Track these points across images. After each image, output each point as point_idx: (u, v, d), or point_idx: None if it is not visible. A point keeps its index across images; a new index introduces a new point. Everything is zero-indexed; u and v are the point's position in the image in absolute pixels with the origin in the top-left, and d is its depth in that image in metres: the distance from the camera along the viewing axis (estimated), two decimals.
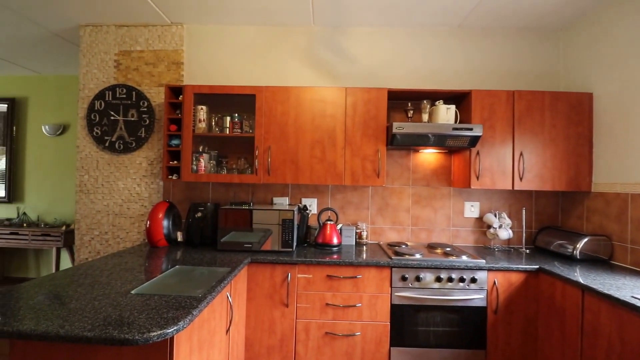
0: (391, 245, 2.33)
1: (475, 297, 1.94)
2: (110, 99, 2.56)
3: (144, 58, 2.58)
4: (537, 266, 1.92)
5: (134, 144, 2.56)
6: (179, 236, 2.28)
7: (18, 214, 3.90)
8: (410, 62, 2.53)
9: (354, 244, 2.41)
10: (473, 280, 1.94)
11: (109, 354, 1.07)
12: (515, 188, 2.19)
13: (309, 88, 2.22)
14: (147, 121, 2.55)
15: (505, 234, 2.33)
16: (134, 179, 2.60)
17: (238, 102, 2.48)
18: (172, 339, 1.07)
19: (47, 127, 3.87)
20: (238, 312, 1.83)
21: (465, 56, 2.53)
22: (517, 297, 1.94)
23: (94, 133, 2.58)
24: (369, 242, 2.52)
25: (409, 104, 2.32)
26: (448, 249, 2.24)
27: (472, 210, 2.51)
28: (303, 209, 2.41)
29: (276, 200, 2.55)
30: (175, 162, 2.35)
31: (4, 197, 3.93)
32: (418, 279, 1.94)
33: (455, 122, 2.33)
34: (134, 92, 2.55)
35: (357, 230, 2.45)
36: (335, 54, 2.53)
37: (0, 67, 3.71)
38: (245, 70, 2.58)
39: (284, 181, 2.23)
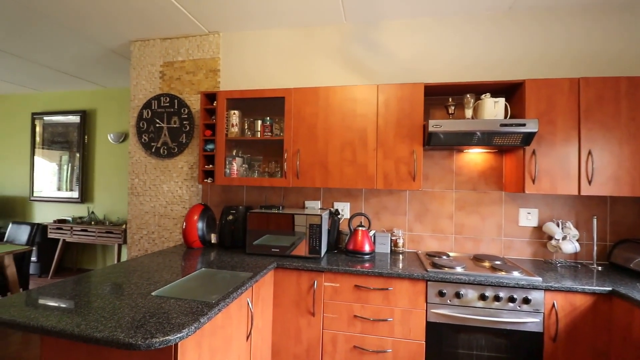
0: (430, 255, 2.12)
1: (529, 321, 1.67)
2: (155, 107, 2.74)
3: (185, 67, 2.71)
4: (610, 288, 1.58)
5: (176, 149, 2.70)
6: (213, 238, 2.34)
7: (88, 213, 4.40)
8: (449, 54, 2.30)
9: (389, 252, 2.25)
10: (526, 300, 1.66)
11: (121, 355, 1.09)
12: (583, 193, 1.85)
13: (339, 87, 2.13)
14: (188, 127, 2.67)
15: (570, 247, 1.98)
16: (176, 182, 2.74)
17: (269, 106, 2.48)
18: (176, 345, 1.06)
19: (111, 135, 4.30)
20: (262, 318, 1.79)
21: (515, 42, 2.22)
22: (582, 325, 1.62)
23: (143, 140, 2.77)
24: (406, 250, 2.33)
25: (450, 99, 2.10)
26: (497, 262, 1.97)
27: (528, 218, 2.19)
28: (334, 214, 2.31)
29: (308, 204, 2.49)
30: (210, 165, 2.41)
31: (78, 198, 4.46)
32: (458, 295, 1.72)
33: (506, 117, 2.06)
34: (176, 100, 2.69)
35: (393, 238, 2.28)
36: (368, 51, 2.40)
37: (73, 83, 4.22)
38: (277, 74, 2.57)
39: (313, 185, 2.16)
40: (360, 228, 2.16)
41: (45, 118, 4.62)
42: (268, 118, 2.33)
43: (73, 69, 3.64)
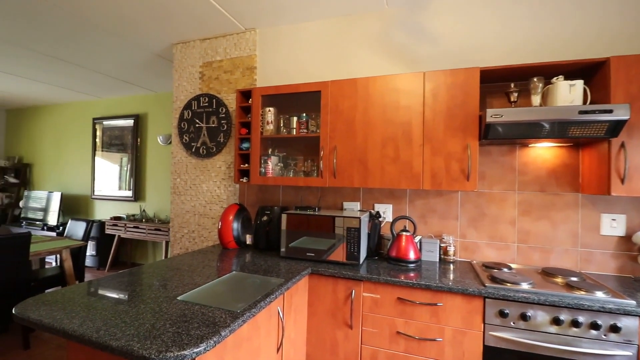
0: (488, 266, 1.83)
1: (618, 354, 1.33)
2: (195, 108, 2.76)
3: (223, 67, 2.70)
4: None
5: (214, 149, 2.70)
6: (248, 239, 2.27)
7: (140, 211, 4.66)
8: (508, 35, 1.98)
9: (438, 260, 2.00)
10: (614, 328, 1.33)
11: None
12: None
13: (379, 77, 1.93)
14: (225, 126, 2.65)
15: None
16: (215, 182, 2.73)
17: (305, 101, 2.35)
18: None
19: (160, 137, 4.51)
20: (295, 328, 1.66)
21: (591, 15, 1.84)
22: None
23: (184, 140, 2.82)
24: (458, 259, 2.05)
25: (512, 85, 1.79)
26: (574, 278, 1.63)
27: (613, 225, 1.80)
28: (375, 216, 2.12)
29: (346, 205, 2.32)
30: (246, 165, 2.35)
31: (131, 197, 4.75)
32: (524, 317, 1.44)
33: (585, 103, 1.71)
34: (214, 100, 2.69)
35: (442, 245, 2.03)
36: (413, 36, 2.17)
37: (128, 89, 4.50)
38: (314, 68, 2.44)
39: (351, 184, 1.99)
40: (404, 233, 1.94)
41: (104, 122, 4.99)
42: (304, 114, 2.20)
43: (126, 76, 3.86)
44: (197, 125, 2.76)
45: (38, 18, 2.51)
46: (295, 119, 2.22)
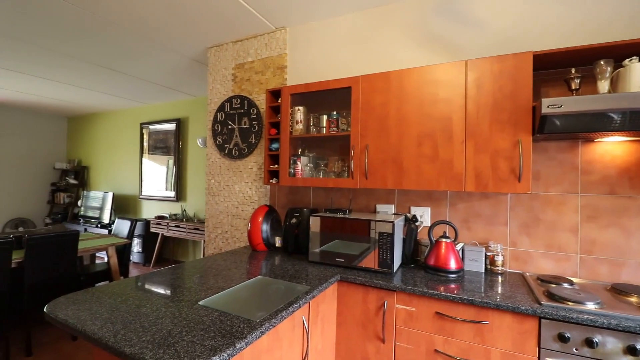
0: (544, 280, 1.59)
1: None
2: (228, 109, 2.78)
3: (254, 68, 2.69)
4: None
5: (246, 150, 2.69)
6: (277, 241, 2.22)
7: (181, 210, 4.86)
8: (565, 14, 1.70)
9: (483, 271, 1.79)
10: None
11: None
12: None
13: (415, 69, 1.77)
14: (256, 127, 2.64)
15: None
16: (247, 183, 2.73)
17: (335, 99, 2.25)
18: None
19: (200, 139, 4.67)
20: (322, 338, 1.56)
21: None
22: None
23: (217, 142, 2.85)
24: (508, 270, 1.82)
25: (573, 71, 1.54)
26: None
27: None
28: (411, 220, 1.95)
29: (379, 208, 2.18)
30: (275, 165, 2.31)
31: (174, 197, 4.97)
32: (590, 343, 1.21)
33: None
34: (245, 101, 2.69)
35: (489, 253, 1.81)
36: (454, 23, 1.97)
37: (170, 95, 4.72)
38: (345, 63, 2.33)
39: (384, 186, 1.85)
40: (443, 239, 1.76)
41: (150, 127, 5.30)
42: (335, 112, 2.10)
43: (168, 82, 4.04)
44: (229, 126, 2.78)
45: (98, 35, 2.68)
46: (325, 117, 2.13)
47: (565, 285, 1.51)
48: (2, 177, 5.73)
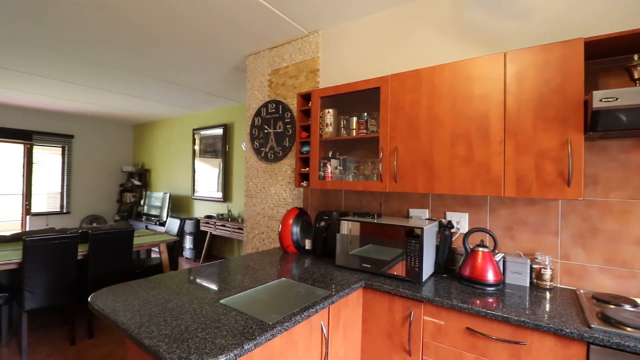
0: (600, 299, 1.38)
1: None
2: (264, 114, 2.88)
3: (288, 72, 2.74)
4: None
5: (280, 153, 2.76)
6: (307, 244, 2.23)
7: (227, 211, 5.13)
8: None
9: (528, 285, 1.60)
10: None
11: None
12: None
13: (447, 65, 1.66)
14: (290, 131, 2.68)
15: None
16: (281, 185, 2.79)
17: (365, 100, 2.20)
18: None
19: (243, 144, 4.90)
20: (344, 345, 1.53)
21: None
22: None
23: (255, 145, 2.96)
24: (558, 286, 1.61)
25: (636, 58, 1.31)
26: None
27: None
28: (446, 227, 1.83)
29: (412, 212, 2.07)
30: (306, 168, 2.32)
31: (221, 198, 5.27)
32: None
33: None
34: (280, 106, 2.75)
35: (535, 266, 1.62)
36: (494, 12, 1.81)
37: (218, 102, 5.03)
38: (376, 63, 2.27)
39: (414, 190, 1.76)
40: (480, 248, 1.62)
41: (201, 132, 5.69)
42: (365, 114, 2.06)
43: (213, 89, 4.32)
44: (265, 130, 2.87)
45: (154, 51, 2.96)
46: (354, 119, 2.09)
47: (627, 307, 1.29)
48: (81, 179, 6.59)
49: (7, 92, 4.69)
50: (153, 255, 4.87)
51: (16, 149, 5.96)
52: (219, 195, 5.33)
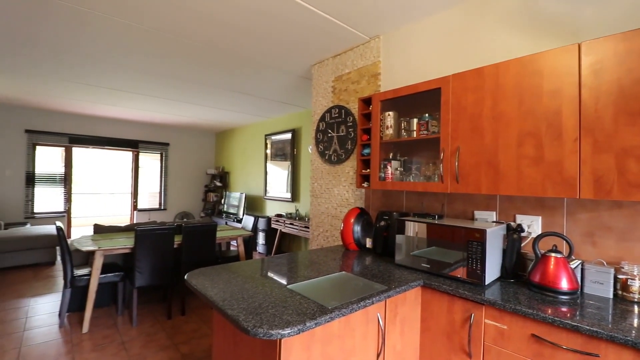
0: None
1: None
2: (328, 119, 3.05)
3: (351, 78, 2.87)
4: None
5: (343, 156, 2.89)
6: (368, 242, 2.31)
7: (295, 210, 5.46)
8: None
9: (611, 297, 1.45)
10: None
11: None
12: None
13: (512, 61, 1.60)
14: (352, 134, 2.80)
15: None
16: (344, 186, 2.92)
17: (426, 102, 2.20)
18: (281, 340, 1.09)
19: (310, 147, 5.17)
20: (402, 340, 1.58)
21: None
22: None
23: (319, 149, 3.15)
24: None
25: None
26: None
27: None
28: (516, 230, 1.75)
29: (478, 214, 2.01)
30: (367, 170, 2.41)
31: (289, 198, 5.64)
32: None
33: None
34: (342, 110, 2.89)
35: (621, 276, 1.46)
36: (568, 1, 1.67)
37: (286, 109, 5.40)
38: (438, 63, 2.25)
39: (477, 191, 1.72)
40: (553, 254, 1.52)
41: (272, 137, 6.16)
42: (427, 115, 2.07)
43: (282, 98, 4.67)
44: (329, 134, 3.03)
45: (232, 66, 3.40)
46: (415, 120, 2.12)
47: None
48: (175, 181, 7.67)
49: (119, 109, 5.75)
50: (232, 247, 5.45)
51: (126, 156, 7.23)
52: (288, 195, 5.70)
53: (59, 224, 2.95)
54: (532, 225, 1.79)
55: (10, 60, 3.40)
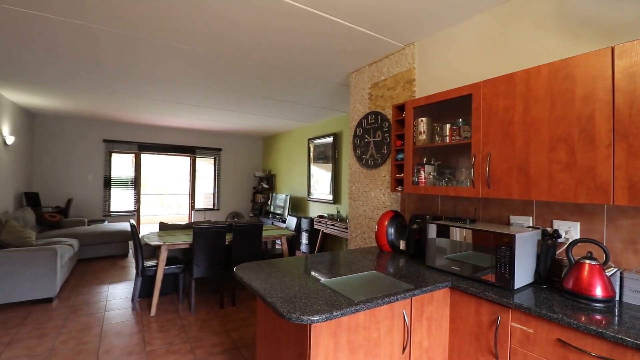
0: None
1: None
2: (365, 125, 3.17)
3: (387, 85, 2.96)
4: None
5: (379, 160, 3.00)
6: (401, 244, 2.40)
7: (336, 212, 5.63)
8: None
9: None
10: None
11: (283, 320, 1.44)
12: None
13: (544, 66, 1.60)
14: (388, 140, 2.90)
15: None
16: (380, 190, 3.02)
17: (459, 106, 2.22)
18: (310, 326, 1.26)
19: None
20: (429, 338, 1.67)
21: None
22: None
23: (357, 153, 3.29)
24: None
25: None
26: None
27: None
28: (552, 236, 1.73)
29: (513, 219, 2.00)
30: (401, 174, 2.50)
31: (331, 200, 5.82)
32: None
33: None
34: (379, 116, 3.00)
35: None
36: (607, 1, 1.62)
37: (328, 114, 5.60)
38: (472, 68, 2.26)
39: (508, 196, 1.74)
40: (587, 260, 1.50)
41: (315, 141, 6.40)
42: (460, 120, 2.11)
43: (324, 104, 4.88)
44: (366, 140, 3.16)
45: (277, 79, 3.70)
46: (447, 126, 2.16)
47: None
48: (228, 183, 8.30)
49: (180, 119, 6.42)
50: (277, 246, 5.79)
51: (185, 161, 8.00)
52: (330, 197, 5.89)
53: (132, 221, 3.46)
54: (570, 231, 1.75)
55: (93, 83, 4.05)
